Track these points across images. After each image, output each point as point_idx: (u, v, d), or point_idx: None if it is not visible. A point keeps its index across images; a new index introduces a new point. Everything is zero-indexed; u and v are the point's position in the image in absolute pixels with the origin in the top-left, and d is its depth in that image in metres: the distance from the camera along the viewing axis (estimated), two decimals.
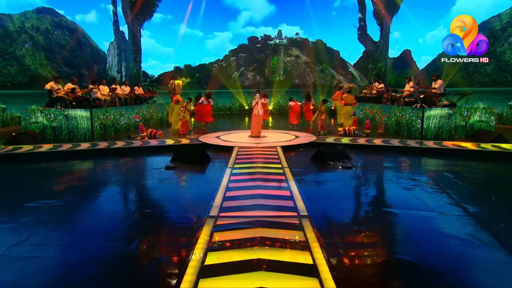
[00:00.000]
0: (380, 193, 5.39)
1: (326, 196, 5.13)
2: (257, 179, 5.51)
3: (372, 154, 8.36)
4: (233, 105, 21.12)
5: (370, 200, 4.97)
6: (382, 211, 4.39)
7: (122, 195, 5.34)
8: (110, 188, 5.74)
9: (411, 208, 4.43)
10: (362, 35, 21.63)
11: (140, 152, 8.57)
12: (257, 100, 10.16)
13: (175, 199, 5.07)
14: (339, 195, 5.22)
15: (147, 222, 4.12)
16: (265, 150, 8.15)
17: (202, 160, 7.34)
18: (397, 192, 5.26)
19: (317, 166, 7.06)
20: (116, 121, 11.84)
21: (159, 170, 6.76)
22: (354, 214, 4.36)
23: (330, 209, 4.49)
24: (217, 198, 4.54)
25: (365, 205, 4.74)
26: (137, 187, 5.86)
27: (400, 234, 3.81)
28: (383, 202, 4.92)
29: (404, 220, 4.08)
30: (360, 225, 3.92)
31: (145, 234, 3.69)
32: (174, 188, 5.64)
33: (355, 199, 5.09)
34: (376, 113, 13.06)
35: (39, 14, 14.95)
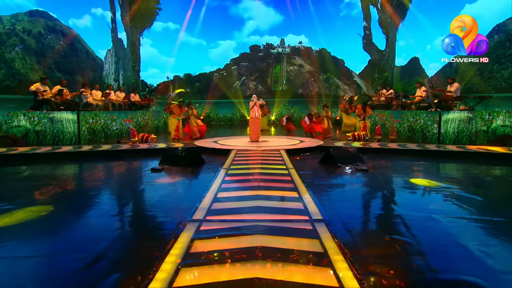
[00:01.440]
0: (405, 197, 4.40)
1: (341, 199, 4.15)
2: (257, 180, 4.55)
3: (388, 158, 7.40)
4: (234, 115, 20.30)
5: (395, 204, 3.98)
6: (413, 216, 3.40)
7: (96, 199, 4.38)
8: (83, 192, 4.79)
9: (447, 214, 3.45)
10: (367, 44, 21.07)
11: (127, 156, 7.66)
12: (254, 102, 9.30)
13: (157, 202, 4.12)
14: (356, 199, 4.25)
15: (117, 229, 3.14)
16: (267, 153, 7.22)
17: (195, 163, 6.42)
18: (425, 197, 4.28)
19: (327, 169, 6.10)
20: (107, 126, 10.98)
21: (144, 173, 5.83)
22: (380, 220, 3.37)
23: (349, 214, 3.51)
24: (205, 199, 3.58)
25: (390, 210, 3.75)
26: (116, 190, 4.90)
27: (449, 245, 2.82)
28: (411, 206, 3.93)
29: (443, 227, 3.10)
30: (391, 233, 2.94)
31: (109, 245, 2.72)
32: (159, 191, 4.68)
33: (377, 204, 4.10)
34: (386, 119, 12.14)
35: (31, 17, 14.68)
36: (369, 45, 21.89)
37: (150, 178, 5.34)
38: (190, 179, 5.40)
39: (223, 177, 4.70)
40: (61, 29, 14.98)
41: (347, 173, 5.68)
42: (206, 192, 3.88)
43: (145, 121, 13.64)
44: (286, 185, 4.25)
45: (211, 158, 7.21)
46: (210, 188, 4.04)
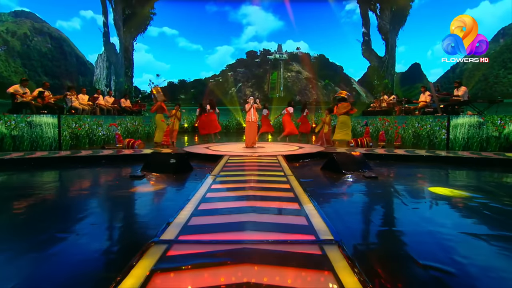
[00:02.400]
0: (430, 210, 3.66)
1: (352, 212, 3.41)
2: (249, 188, 3.81)
3: (396, 165, 6.68)
4: (230, 122, 19.62)
5: (421, 219, 3.23)
6: (449, 235, 2.66)
7: (51, 212, 3.61)
8: (40, 204, 4.01)
9: (492, 232, 2.73)
10: (367, 50, 20.60)
11: (108, 162, 6.90)
12: (251, 104, 8.59)
13: (126, 216, 3.36)
14: (370, 211, 3.51)
15: (54, 255, 2.38)
16: (263, 158, 6.49)
17: (182, 170, 5.67)
18: (456, 209, 3.55)
19: (330, 177, 5.36)
20: (92, 131, 10.22)
21: (122, 181, 5.07)
22: (407, 240, 2.62)
23: (365, 231, 2.78)
24: (183, 212, 2.83)
25: (416, 226, 2.99)
26: (81, 201, 4.12)
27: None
28: (441, 221, 3.18)
29: (494, 251, 2.36)
30: (425, 258, 2.20)
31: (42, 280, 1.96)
32: (132, 202, 3.91)
33: (398, 218, 3.34)
34: (391, 124, 11.47)
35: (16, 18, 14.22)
36: (368, 51, 21.42)
37: (126, 187, 4.58)
38: (172, 188, 4.64)
39: (209, 185, 3.96)
40: (48, 31, 14.43)
41: (354, 181, 4.95)
42: (186, 202, 3.13)
43: (135, 127, 12.91)
44: (285, 195, 3.51)
45: (201, 165, 6.48)
46: (191, 198, 3.29)
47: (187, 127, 19.18)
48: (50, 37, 15.20)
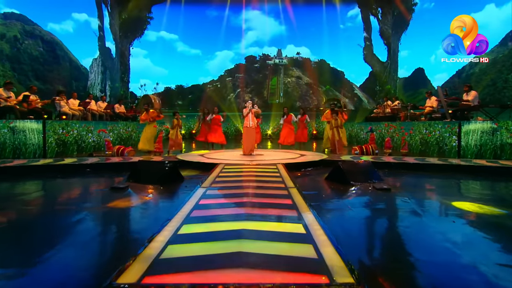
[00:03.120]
0: (465, 232, 3.04)
1: (367, 235, 2.83)
2: (244, 204, 3.23)
3: (408, 175, 6.10)
4: (228, 129, 19.04)
5: (459, 246, 2.62)
6: (502, 268, 2.08)
7: (6, 234, 3.02)
8: None
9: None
10: (368, 55, 20.16)
11: (92, 171, 6.32)
12: (249, 109, 8.03)
13: (90, 242, 2.76)
14: (390, 235, 2.92)
15: None
16: (261, 167, 5.91)
17: (171, 180, 5.09)
18: (497, 232, 2.96)
19: (337, 188, 4.78)
20: (81, 138, 9.66)
21: (101, 193, 4.49)
22: (450, 280, 2.03)
23: (388, 264, 2.20)
24: (158, 237, 2.25)
25: (457, 257, 2.40)
26: (46, 220, 3.53)
27: None
28: (482, 249, 2.59)
29: None
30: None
31: None
32: (105, 222, 3.32)
33: (427, 245, 2.73)
34: (396, 131, 10.91)
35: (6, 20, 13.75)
36: (370, 56, 20.97)
37: (103, 201, 4.00)
38: (156, 203, 4.04)
39: (197, 201, 3.38)
40: (40, 34, 13.95)
41: (364, 194, 4.36)
42: (166, 224, 2.55)
43: (128, 133, 12.36)
44: (287, 213, 2.93)
45: (193, 175, 5.91)
46: (172, 218, 2.71)
47: (184, 133, 18.63)
48: (41, 40, 14.72)
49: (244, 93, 21.45)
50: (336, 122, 9.65)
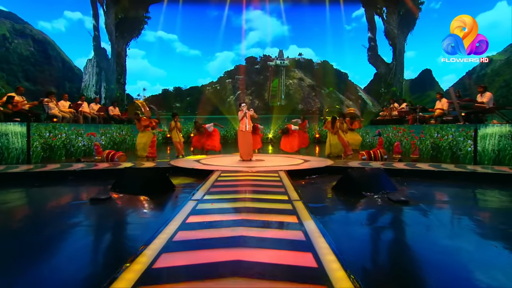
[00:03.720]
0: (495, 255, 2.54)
1: (388, 261, 2.32)
2: (241, 223, 2.72)
3: (423, 183, 5.58)
4: (227, 132, 18.56)
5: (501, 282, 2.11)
6: None
7: None
8: None
9: None
10: (373, 56, 19.66)
11: (76, 178, 5.82)
12: (244, 112, 7.54)
13: (54, 267, 2.25)
14: (418, 260, 2.40)
15: None
16: (261, 175, 5.40)
17: (160, 190, 4.59)
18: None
19: (346, 200, 4.26)
20: (70, 141, 9.17)
21: (78, 206, 3.98)
22: None
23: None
24: (126, 274, 1.73)
25: None
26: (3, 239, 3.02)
27: None
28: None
29: None
30: None
31: None
32: (74, 243, 2.81)
33: (470, 280, 2.22)
34: (404, 134, 10.38)
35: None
36: (375, 57, 20.48)
37: (77, 216, 3.49)
38: (138, 219, 3.52)
39: (185, 217, 2.87)
40: (31, 34, 13.47)
41: (380, 207, 3.85)
42: (139, 254, 2.04)
43: (122, 136, 11.86)
44: (292, 235, 2.42)
45: (186, 183, 5.41)
46: (150, 244, 2.20)
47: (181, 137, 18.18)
48: (32, 40, 14.27)
49: (244, 95, 20.95)
50: (341, 126, 9.24)
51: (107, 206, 3.86)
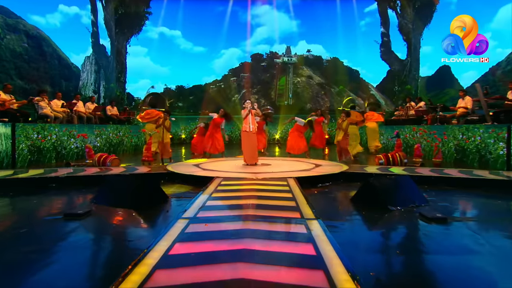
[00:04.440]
0: None
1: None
2: (242, 256, 2.11)
3: (456, 194, 4.90)
4: (232, 133, 17.96)
5: None
6: None
7: None
8: None
9: None
10: (386, 52, 18.89)
11: (59, 186, 5.27)
12: (249, 110, 6.92)
13: None
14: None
15: None
16: (268, 183, 4.79)
17: (149, 202, 4.01)
18: None
19: (370, 217, 3.62)
20: (61, 143, 8.66)
21: (50, 223, 3.42)
22: None
23: None
24: None
25: None
26: None
27: None
28: None
29: None
30: None
31: None
32: (32, 274, 2.23)
33: None
34: (425, 135, 9.65)
35: None
36: (388, 53, 19.71)
37: (45, 237, 2.92)
38: (114, 244, 2.92)
39: (170, 245, 2.26)
40: (25, 29, 13.05)
41: (413, 226, 3.21)
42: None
43: (119, 137, 11.34)
44: (309, 279, 1.80)
45: (182, 192, 4.84)
46: (121, 285, 1.61)
47: (184, 138, 17.60)
48: (26, 35, 13.84)
49: (250, 94, 20.35)
50: (340, 125, 8.76)
51: (83, 223, 3.28)
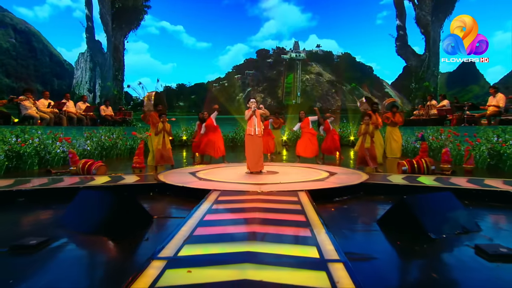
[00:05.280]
0: None
1: None
2: None
3: (506, 212, 4.11)
4: (237, 134, 17.21)
5: None
6: None
7: None
8: None
9: None
10: (402, 47, 18.03)
11: (29, 201, 4.60)
12: (253, 110, 6.20)
13: None
14: None
15: None
16: (275, 199, 4.06)
17: (129, 224, 3.31)
18: None
19: (407, 249, 2.87)
20: (45, 148, 8.03)
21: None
22: None
23: None
24: None
25: None
26: None
27: None
28: None
29: None
30: None
31: None
32: None
33: None
34: (452, 139, 8.78)
35: None
36: (404, 48, 18.83)
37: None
38: None
39: None
40: (12, 23, 12.60)
41: (473, 269, 2.44)
42: None
43: (113, 140, 10.68)
44: None
45: (172, 206, 4.14)
46: None
47: (186, 139, 16.91)
48: (14, 30, 13.34)
49: (256, 92, 19.59)
50: (366, 128, 7.65)
51: (32, 260, 2.58)
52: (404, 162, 6.90)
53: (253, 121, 6.21)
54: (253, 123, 6.20)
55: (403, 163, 6.89)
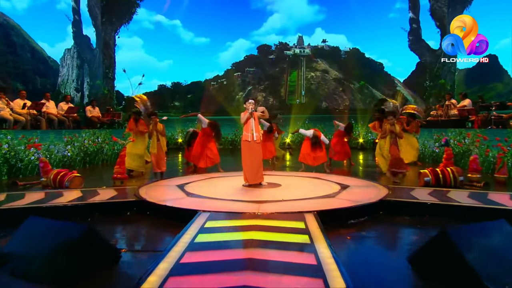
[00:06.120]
0: None
1: None
2: None
3: None
4: (237, 136, 16.56)
5: None
6: None
7: None
8: None
9: None
10: (415, 41, 17.32)
11: None
12: (250, 112, 5.54)
13: None
14: None
15: None
16: (276, 226, 3.38)
17: (87, 264, 2.64)
18: None
19: None
20: (16, 154, 7.39)
21: None
22: None
23: None
24: None
25: None
26: None
27: None
28: None
29: None
30: None
31: None
32: None
33: None
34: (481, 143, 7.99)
35: None
36: (418, 42, 18.11)
37: None
38: None
39: None
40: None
41: None
42: None
43: (97, 144, 10.00)
44: None
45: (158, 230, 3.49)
46: None
47: (181, 142, 16.24)
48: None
49: (257, 91, 18.98)
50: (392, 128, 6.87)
51: None
52: (427, 172, 6.17)
53: (250, 125, 5.55)
54: (250, 128, 5.55)
55: (425, 173, 6.16)
